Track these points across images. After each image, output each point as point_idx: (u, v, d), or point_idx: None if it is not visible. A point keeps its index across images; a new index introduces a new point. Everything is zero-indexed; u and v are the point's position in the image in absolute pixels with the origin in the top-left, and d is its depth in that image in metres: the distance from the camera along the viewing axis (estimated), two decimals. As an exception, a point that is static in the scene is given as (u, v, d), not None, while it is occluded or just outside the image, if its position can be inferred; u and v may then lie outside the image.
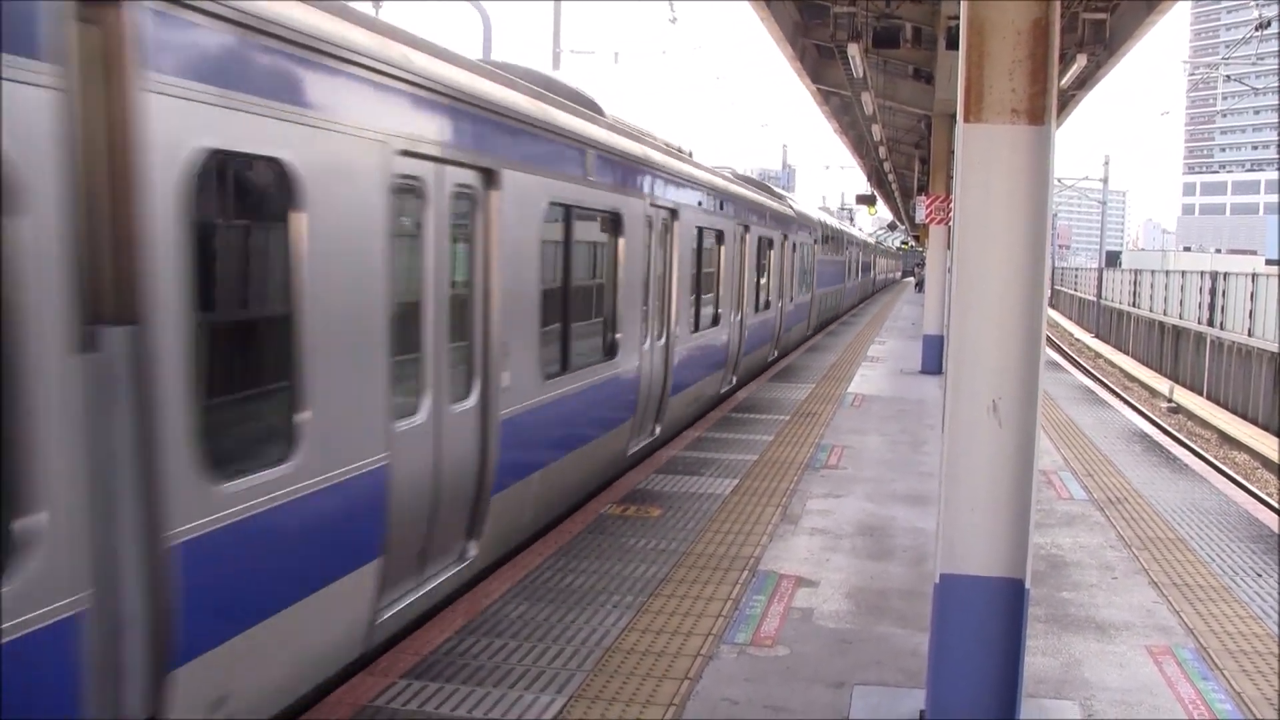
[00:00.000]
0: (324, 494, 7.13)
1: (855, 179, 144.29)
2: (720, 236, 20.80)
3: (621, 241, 14.07)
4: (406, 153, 8.13)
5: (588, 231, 13.10)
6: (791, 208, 33.24)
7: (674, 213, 16.79)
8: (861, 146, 53.41)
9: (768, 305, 27.44)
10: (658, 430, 16.60)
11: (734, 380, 23.39)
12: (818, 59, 31.44)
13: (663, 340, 16.49)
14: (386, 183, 7.81)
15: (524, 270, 10.55)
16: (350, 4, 7.87)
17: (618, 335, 14.05)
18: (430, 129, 8.50)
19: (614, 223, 13.88)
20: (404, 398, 8.39)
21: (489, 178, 9.71)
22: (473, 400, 9.61)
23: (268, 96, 6.43)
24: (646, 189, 15.05)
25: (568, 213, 12.05)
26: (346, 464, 7.41)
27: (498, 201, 9.79)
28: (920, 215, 29.27)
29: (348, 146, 7.33)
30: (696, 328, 18.91)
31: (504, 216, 9.91)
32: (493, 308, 9.84)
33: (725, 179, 22.65)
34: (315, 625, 7.26)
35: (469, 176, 9.38)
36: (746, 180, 28.59)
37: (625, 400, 14.51)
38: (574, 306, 12.50)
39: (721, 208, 20.73)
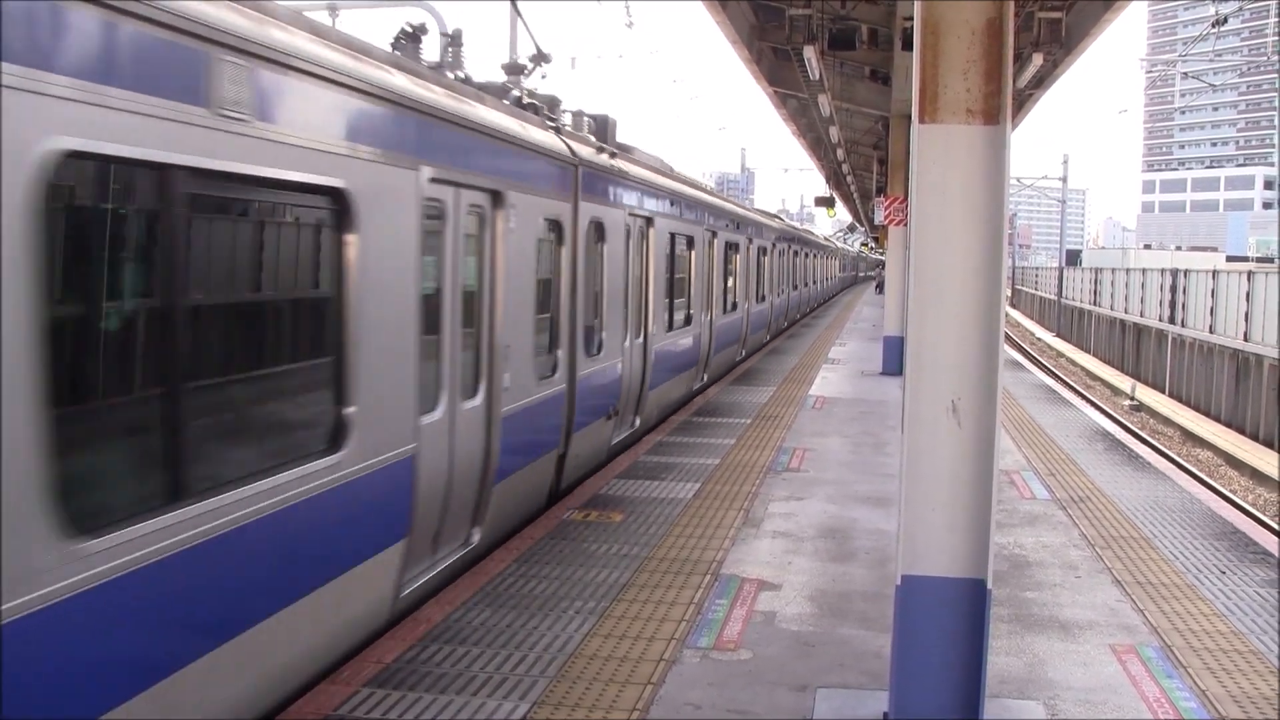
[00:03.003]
0: (371, 476, 8.16)
1: (814, 181, 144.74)
2: (691, 242, 21.57)
3: (604, 247, 15.00)
4: (434, 180, 9.20)
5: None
6: (755, 213, 34.00)
7: (649, 220, 17.61)
8: (820, 148, 53.53)
9: (735, 307, 28.39)
10: (637, 423, 17.48)
11: (705, 378, 24.21)
12: (774, 61, 31.43)
13: (641, 339, 17.27)
14: (419, 205, 8.92)
15: (522, 279, 11.48)
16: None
17: (602, 335, 14.97)
18: (451, 157, 9.62)
19: (598, 231, 14.54)
20: (427, 395, 9.32)
21: (495, 198, 10.77)
22: (479, 399, 10.55)
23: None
24: (625, 199, 15.89)
25: (559, 226, 12.91)
26: (388, 450, 8.46)
27: (502, 219, 10.81)
28: (879, 217, 29.30)
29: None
30: (670, 327, 19.71)
31: (507, 232, 10.91)
32: (497, 314, 10.83)
33: (696, 187, 24.07)
34: (358, 592, 8.27)
35: (480, 198, 10.47)
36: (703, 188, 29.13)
37: (609, 395, 15.47)
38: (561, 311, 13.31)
39: (693, 215, 21.56)
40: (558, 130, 13.43)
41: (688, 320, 21.61)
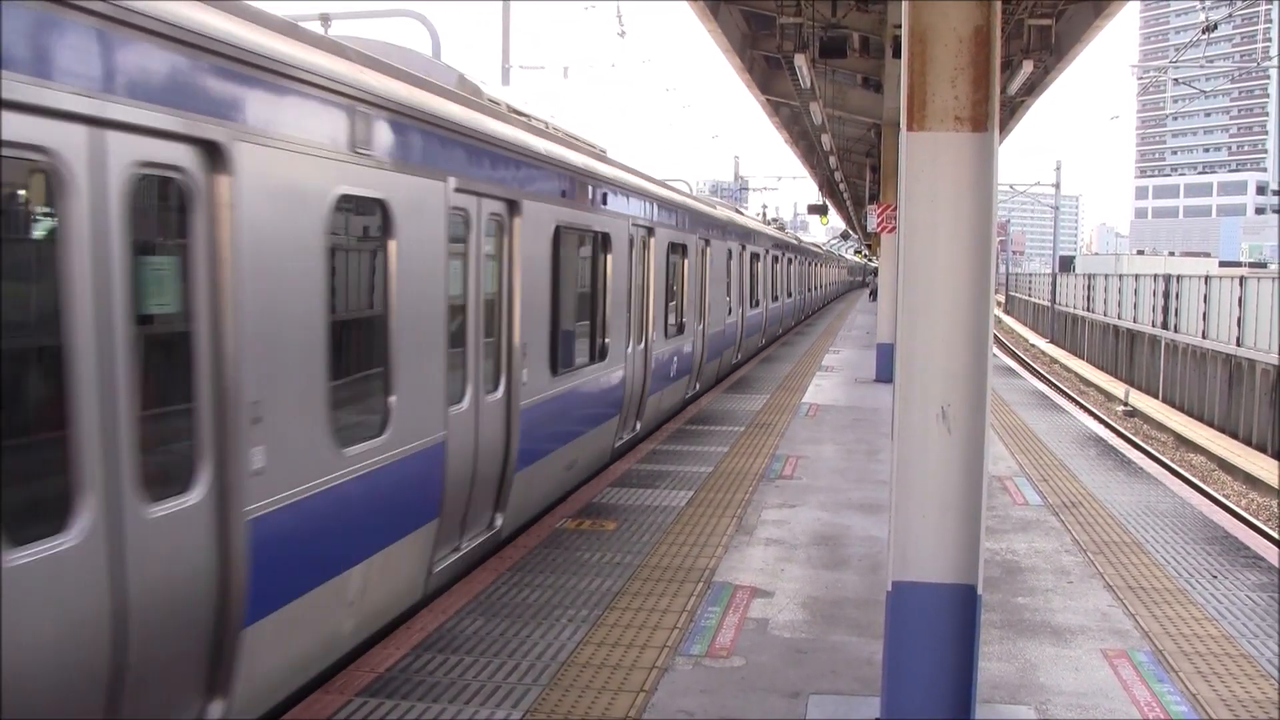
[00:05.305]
0: (409, 460, 8.92)
1: (808, 189, 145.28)
2: (685, 250, 21.79)
3: (609, 256, 15.58)
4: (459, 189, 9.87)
5: (582, 249, 14.64)
6: (744, 220, 34.16)
7: (650, 230, 18.08)
8: (812, 156, 53.60)
9: (729, 311, 28.58)
10: (638, 426, 17.95)
11: (697, 386, 24.48)
12: (766, 70, 31.50)
13: (642, 345, 17.77)
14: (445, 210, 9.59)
15: (537, 281, 12.15)
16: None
17: (607, 339, 15.48)
18: (475, 170, 10.33)
19: (603, 241, 15.06)
20: (454, 388, 10.00)
21: (512, 206, 11.38)
22: (500, 392, 11.22)
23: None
24: (630, 210, 16.41)
25: (564, 233, 13.44)
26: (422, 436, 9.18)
27: (519, 225, 11.47)
28: (872, 224, 29.33)
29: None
30: (667, 335, 20.04)
31: (523, 238, 11.58)
32: (515, 313, 11.53)
33: (688, 195, 24.59)
34: (401, 563, 9.04)
35: (499, 207, 11.08)
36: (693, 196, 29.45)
37: (613, 397, 16.02)
38: (572, 313, 14.12)
39: (687, 223, 21.83)
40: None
41: (680, 329, 21.96)
